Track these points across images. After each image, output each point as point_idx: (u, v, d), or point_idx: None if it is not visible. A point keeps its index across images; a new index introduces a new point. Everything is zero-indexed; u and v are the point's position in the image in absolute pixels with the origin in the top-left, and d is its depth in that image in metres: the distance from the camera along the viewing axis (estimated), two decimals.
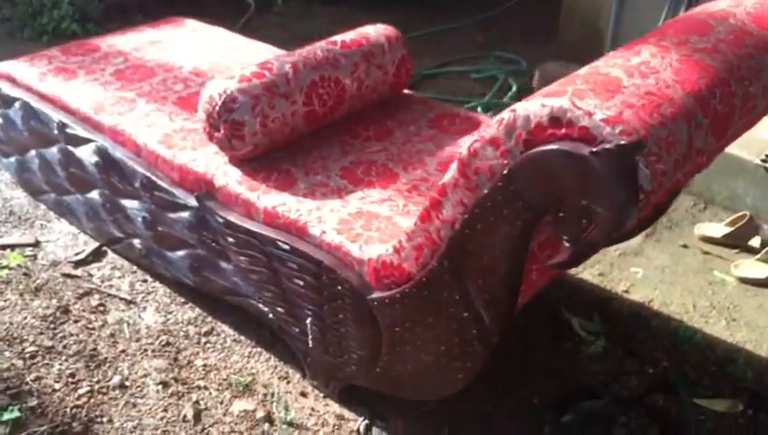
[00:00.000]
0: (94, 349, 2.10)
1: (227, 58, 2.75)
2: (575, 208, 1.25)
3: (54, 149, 2.51)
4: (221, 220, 2.00)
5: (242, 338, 2.20)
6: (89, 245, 2.55)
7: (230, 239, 2.01)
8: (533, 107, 1.28)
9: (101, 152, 2.31)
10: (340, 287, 1.79)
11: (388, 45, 2.32)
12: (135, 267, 2.46)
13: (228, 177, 2.02)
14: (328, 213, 1.88)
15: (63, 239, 2.58)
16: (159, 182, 2.16)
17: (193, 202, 2.08)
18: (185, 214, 2.13)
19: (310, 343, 1.97)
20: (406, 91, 2.49)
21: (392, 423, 1.94)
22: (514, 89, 3.79)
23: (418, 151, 2.16)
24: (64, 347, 2.09)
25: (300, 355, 2.05)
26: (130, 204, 2.32)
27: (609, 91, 1.27)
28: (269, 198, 1.94)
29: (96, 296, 2.32)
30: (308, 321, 1.94)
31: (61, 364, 2.03)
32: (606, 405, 1.98)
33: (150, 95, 2.44)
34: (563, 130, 1.24)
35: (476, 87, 3.91)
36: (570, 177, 1.24)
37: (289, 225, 1.88)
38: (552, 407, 1.99)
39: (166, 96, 2.44)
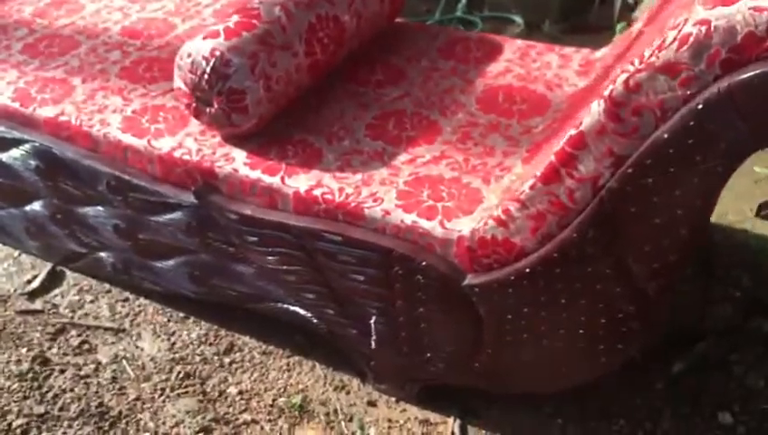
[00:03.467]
0: (100, 403, 1.66)
1: (157, 9, 2.24)
2: None
3: None
4: (234, 217, 1.59)
5: (271, 348, 1.81)
6: (38, 268, 2.06)
7: (249, 238, 1.60)
8: (740, 14, 0.95)
9: (42, 154, 1.81)
10: (419, 277, 1.43)
11: None
12: (108, 285, 1.99)
13: (233, 161, 1.59)
14: (380, 187, 1.50)
15: (2, 267, 2.07)
16: (135, 181, 1.70)
17: (189, 199, 1.64)
18: (177, 215, 1.70)
19: (373, 344, 1.62)
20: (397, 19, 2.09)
21: (486, 415, 1.64)
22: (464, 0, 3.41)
23: (447, 90, 1.79)
24: (61, 409, 1.64)
25: (359, 359, 1.70)
26: (93, 211, 1.84)
27: None
28: (297, 181, 1.53)
29: (73, 332, 1.86)
30: (372, 320, 1.58)
31: (65, 433, 1.59)
32: (712, 345, 1.75)
33: (85, 71, 1.93)
34: None
35: (418, 4, 3.50)
36: None
37: (334, 210, 1.49)
38: (656, 359, 1.74)
39: (105, 69, 1.93)
